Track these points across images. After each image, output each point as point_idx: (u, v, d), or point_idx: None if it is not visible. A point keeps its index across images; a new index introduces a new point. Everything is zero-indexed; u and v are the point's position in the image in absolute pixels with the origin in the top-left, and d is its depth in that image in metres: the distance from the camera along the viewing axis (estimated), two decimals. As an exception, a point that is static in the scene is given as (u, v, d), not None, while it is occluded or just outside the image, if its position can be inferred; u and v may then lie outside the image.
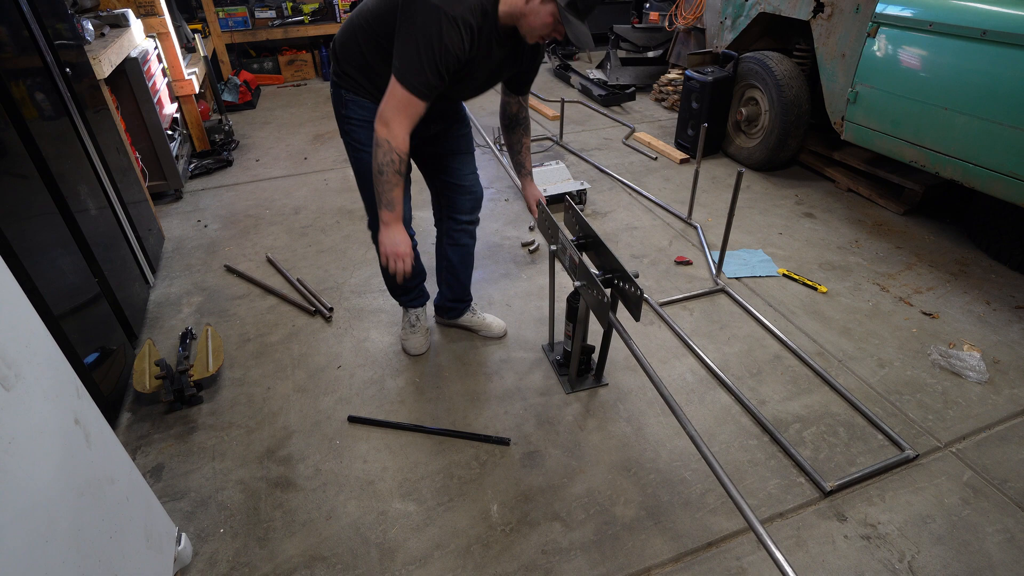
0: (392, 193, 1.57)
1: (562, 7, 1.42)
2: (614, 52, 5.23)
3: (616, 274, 1.67)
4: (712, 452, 1.26)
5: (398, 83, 1.45)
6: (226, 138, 3.97)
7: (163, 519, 1.39)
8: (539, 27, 1.47)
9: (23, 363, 0.96)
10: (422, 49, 1.40)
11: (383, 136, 1.50)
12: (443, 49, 1.40)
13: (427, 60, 1.41)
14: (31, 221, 1.61)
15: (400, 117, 1.48)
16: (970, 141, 2.40)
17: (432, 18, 1.38)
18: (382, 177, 1.54)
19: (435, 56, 1.41)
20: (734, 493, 1.18)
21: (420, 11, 1.39)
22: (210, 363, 2.04)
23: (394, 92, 1.46)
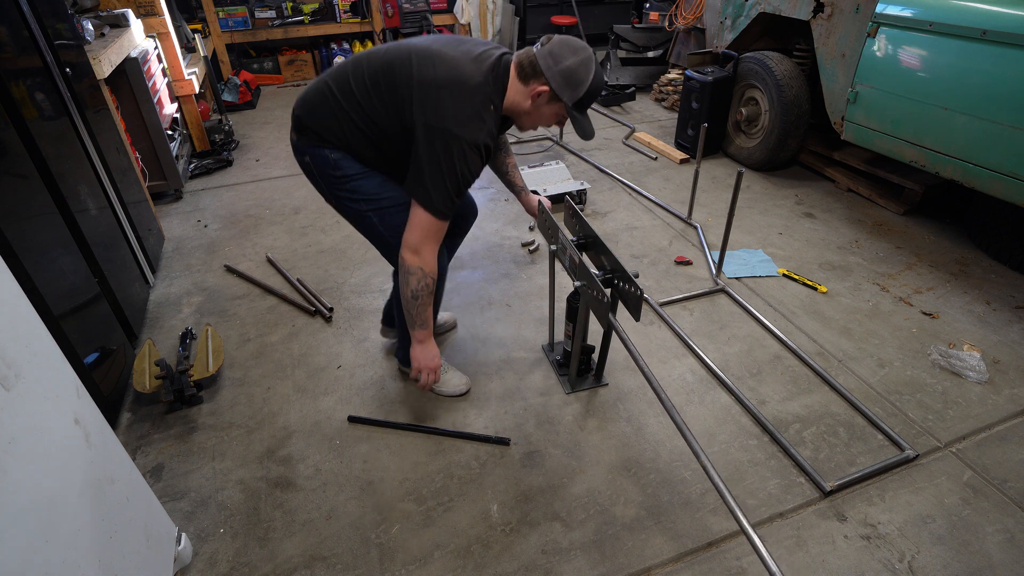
0: (426, 312, 1.59)
1: (570, 108, 1.49)
2: (614, 52, 5.23)
3: (616, 274, 1.67)
4: (711, 452, 1.26)
5: (425, 211, 1.45)
6: (226, 138, 3.97)
7: (163, 519, 1.39)
8: (540, 122, 1.55)
9: (23, 363, 0.96)
10: (448, 178, 1.42)
11: (415, 264, 1.50)
12: (468, 174, 1.46)
13: (452, 186, 1.44)
14: (31, 221, 1.61)
15: (431, 243, 1.49)
16: (970, 141, 2.40)
17: (457, 149, 1.41)
18: (417, 302, 1.55)
19: (460, 182, 1.45)
20: (727, 497, 1.18)
21: (443, 143, 1.41)
22: (210, 363, 2.04)
23: (421, 220, 1.46)
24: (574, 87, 1.46)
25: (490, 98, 1.47)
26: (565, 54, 1.44)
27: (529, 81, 1.48)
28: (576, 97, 1.47)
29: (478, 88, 1.44)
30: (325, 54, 5.71)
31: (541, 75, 1.46)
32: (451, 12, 5.99)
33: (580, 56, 1.45)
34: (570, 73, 1.44)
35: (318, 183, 1.63)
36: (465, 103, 1.42)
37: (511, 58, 1.53)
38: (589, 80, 1.46)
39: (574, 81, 1.45)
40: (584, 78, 1.45)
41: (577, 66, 1.44)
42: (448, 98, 1.42)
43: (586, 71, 1.45)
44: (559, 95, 1.47)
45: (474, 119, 1.43)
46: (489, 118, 1.47)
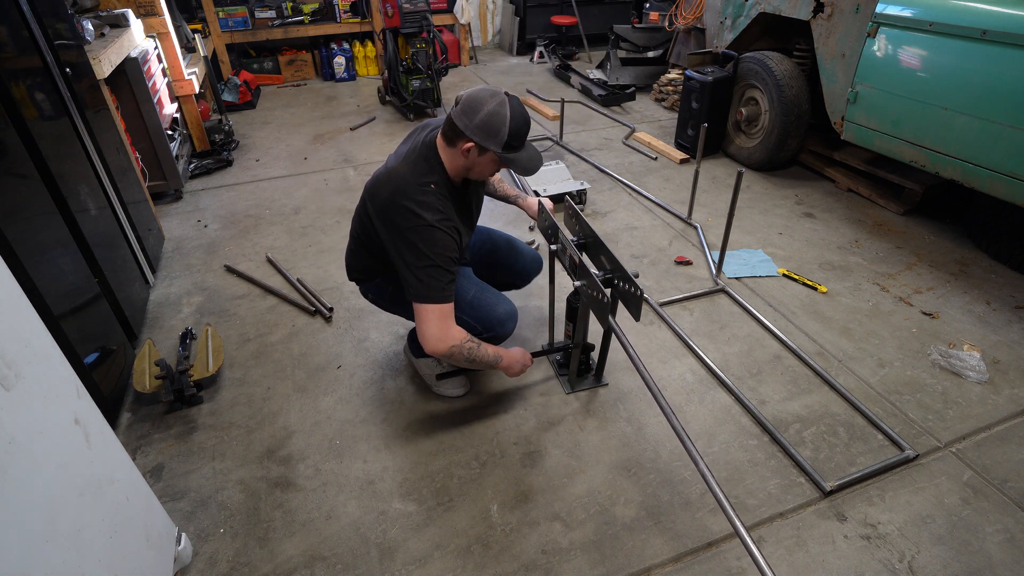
0: (488, 351, 1.67)
1: (500, 154, 1.55)
2: (614, 52, 5.23)
3: (616, 274, 1.67)
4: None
5: (425, 303, 1.55)
6: (226, 138, 3.97)
7: (163, 519, 1.39)
8: (489, 171, 1.63)
9: (23, 363, 0.96)
10: (424, 264, 1.52)
11: (445, 349, 1.58)
12: (442, 253, 1.54)
13: (433, 271, 1.53)
14: (31, 221, 1.61)
15: (445, 324, 1.57)
16: (970, 141, 2.40)
17: (418, 238, 1.52)
18: (475, 362, 1.64)
19: (437, 263, 1.53)
20: (721, 498, 1.18)
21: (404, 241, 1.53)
22: (210, 363, 2.04)
23: (427, 312, 1.55)
24: (494, 134, 1.51)
25: (425, 182, 1.56)
26: (476, 106, 1.50)
27: (455, 143, 1.55)
28: (501, 142, 1.52)
29: (408, 182, 1.56)
30: (325, 54, 5.71)
31: (462, 134, 1.52)
32: (451, 12, 5.99)
33: (491, 104, 1.50)
34: (485, 123, 1.50)
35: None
36: (404, 204, 1.53)
37: (435, 134, 1.63)
38: (507, 122, 1.50)
39: (492, 128, 1.50)
40: (501, 122, 1.50)
41: (490, 114, 1.49)
42: (391, 209, 1.55)
43: (501, 115, 1.50)
44: (485, 146, 1.53)
45: (418, 208, 1.52)
46: (432, 197, 1.55)
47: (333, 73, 5.72)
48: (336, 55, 5.65)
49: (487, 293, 1.82)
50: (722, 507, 1.17)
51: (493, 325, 1.77)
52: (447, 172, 1.61)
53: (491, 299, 1.80)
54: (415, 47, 4.32)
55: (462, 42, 6.17)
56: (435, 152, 1.60)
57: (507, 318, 1.80)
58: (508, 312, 1.80)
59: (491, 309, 1.78)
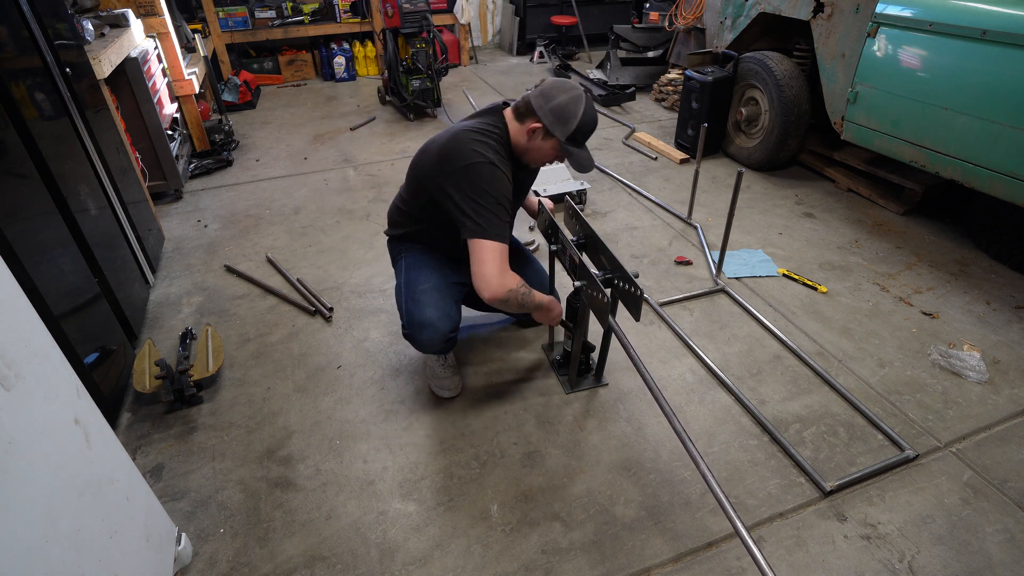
0: (536, 297, 1.68)
1: (563, 143, 1.59)
2: (614, 52, 5.23)
3: (616, 274, 1.67)
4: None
5: (487, 241, 1.54)
6: (226, 138, 3.97)
7: (163, 519, 1.39)
8: (542, 159, 1.67)
9: (23, 363, 0.96)
10: (487, 202, 1.54)
11: (504, 294, 1.56)
12: (499, 193, 1.55)
13: (495, 208, 1.55)
14: (31, 221, 1.61)
15: (503, 265, 1.57)
16: (970, 141, 2.40)
17: (479, 175, 1.53)
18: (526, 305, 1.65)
19: (498, 202, 1.55)
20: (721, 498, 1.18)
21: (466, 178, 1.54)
22: (210, 363, 2.04)
23: (488, 251, 1.54)
24: (564, 123, 1.55)
25: (488, 127, 1.61)
26: (555, 93, 1.56)
27: (524, 120, 1.60)
28: (568, 132, 1.56)
29: (473, 128, 1.60)
30: (325, 54, 5.71)
31: (534, 113, 1.57)
32: (451, 12, 5.99)
33: (570, 94, 1.55)
34: (560, 109, 1.54)
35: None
36: (465, 142, 1.56)
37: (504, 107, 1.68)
38: (579, 116, 1.55)
39: (564, 117, 1.54)
40: (574, 113, 1.54)
41: (567, 103, 1.54)
42: (450, 149, 1.57)
43: (575, 107, 1.55)
44: (551, 131, 1.57)
45: (478, 147, 1.55)
46: (493, 140, 1.59)
47: (333, 73, 5.72)
48: (336, 55, 5.65)
49: (436, 294, 1.77)
50: (722, 507, 1.17)
51: (412, 324, 1.75)
52: (509, 136, 1.65)
53: (432, 300, 1.75)
54: (415, 47, 4.32)
55: (462, 42, 6.17)
56: (503, 119, 1.65)
57: (426, 326, 1.73)
58: (430, 321, 1.72)
59: (421, 309, 1.74)
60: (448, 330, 1.75)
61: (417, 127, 4.46)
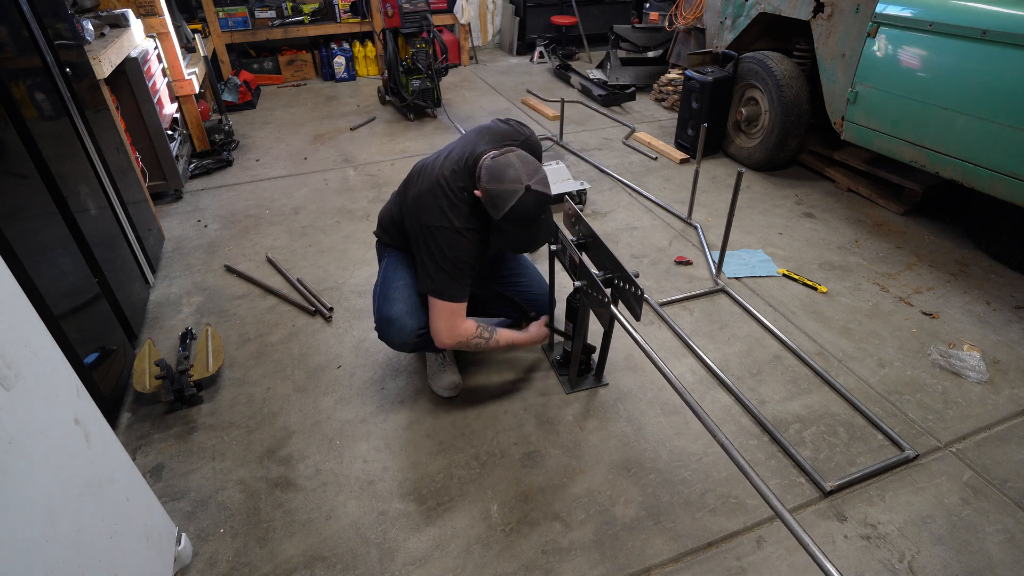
0: (499, 341, 1.79)
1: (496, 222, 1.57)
2: (614, 52, 5.23)
3: (616, 274, 1.67)
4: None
5: (440, 300, 1.63)
6: (226, 138, 3.97)
7: (163, 519, 1.39)
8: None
9: (23, 363, 0.96)
10: (443, 265, 1.60)
11: (455, 343, 1.70)
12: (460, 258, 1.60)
13: (451, 271, 1.61)
14: (31, 221, 1.61)
15: (454, 322, 1.67)
16: (970, 141, 2.40)
17: (442, 239, 1.58)
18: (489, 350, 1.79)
19: (455, 266, 1.61)
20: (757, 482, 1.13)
21: (429, 238, 1.59)
22: (210, 363, 2.04)
23: (439, 310, 1.65)
24: (494, 207, 1.52)
25: (456, 185, 1.60)
26: (496, 177, 1.50)
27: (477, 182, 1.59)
28: (498, 216, 1.52)
29: (444, 183, 1.60)
30: (325, 54, 5.71)
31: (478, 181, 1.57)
32: (451, 12, 5.99)
33: (507, 187, 1.48)
34: (494, 196, 1.50)
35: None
36: (434, 199, 1.59)
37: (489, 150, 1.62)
38: (506, 208, 1.49)
39: (494, 203, 1.51)
40: (502, 205, 1.49)
41: (500, 193, 1.49)
42: (426, 201, 1.61)
43: (505, 201, 1.48)
44: (486, 207, 1.56)
45: (448, 210, 1.58)
46: (465, 206, 1.60)
47: (333, 73, 5.72)
48: (336, 55, 5.65)
49: (407, 291, 1.78)
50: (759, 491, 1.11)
51: (380, 320, 1.78)
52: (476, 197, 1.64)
53: (402, 297, 1.76)
54: (415, 47, 4.32)
55: (462, 42, 6.17)
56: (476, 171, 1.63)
57: (393, 321, 1.73)
58: (396, 317, 1.72)
59: (390, 305, 1.76)
60: (417, 327, 1.75)
61: (417, 127, 4.46)
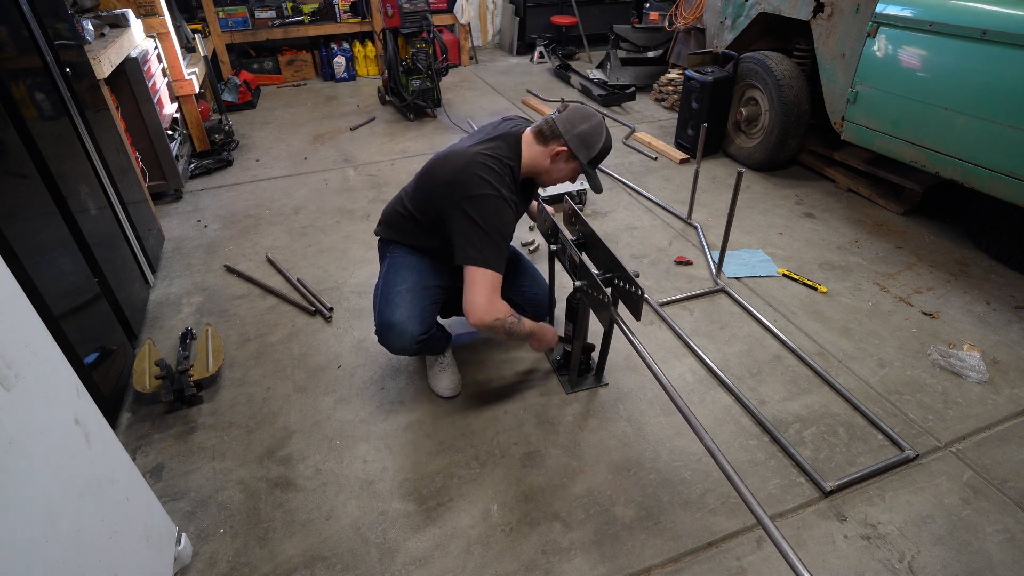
0: (525, 327, 1.73)
1: (585, 166, 1.71)
2: (614, 52, 5.23)
3: (616, 274, 1.67)
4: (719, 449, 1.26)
5: (483, 270, 1.59)
6: (226, 138, 3.97)
7: (163, 519, 1.39)
8: (559, 179, 1.75)
9: (23, 363, 0.96)
10: (489, 233, 1.58)
11: (491, 321, 1.61)
12: (503, 226, 1.62)
13: (499, 240, 1.61)
14: (31, 221, 1.61)
15: (494, 295, 1.62)
16: (970, 141, 2.40)
17: (488, 207, 1.58)
18: (513, 336, 1.70)
19: (503, 235, 1.62)
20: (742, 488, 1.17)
21: (475, 207, 1.58)
22: (210, 363, 2.04)
23: (482, 280, 1.59)
24: (588, 147, 1.67)
25: (503, 159, 1.65)
26: (580, 120, 1.66)
27: (548, 143, 1.68)
28: (590, 156, 1.68)
29: (488, 155, 1.62)
30: (325, 54, 5.71)
31: (559, 137, 1.66)
32: (451, 12, 5.99)
33: (593, 122, 1.67)
34: (585, 136, 1.65)
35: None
36: (480, 172, 1.60)
37: (521, 129, 1.75)
38: (601, 142, 1.68)
39: (588, 142, 1.66)
40: (597, 140, 1.67)
41: (591, 130, 1.66)
42: (464, 175, 1.60)
43: (599, 135, 1.67)
44: (576, 154, 1.67)
45: (494, 180, 1.60)
46: (506, 174, 1.64)
47: (333, 73, 5.72)
48: (336, 55, 5.65)
49: (409, 295, 1.77)
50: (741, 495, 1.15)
51: (381, 324, 1.75)
52: (520, 165, 1.70)
53: (404, 301, 1.75)
54: (415, 47, 4.32)
55: (462, 42, 6.17)
56: (519, 143, 1.71)
57: (394, 326, 1.71)
58: (398, 322, 1.71)
59: (392, 309, 1.73)
60: (418, 333, 1.73)
61: (417, 127, 4.46)
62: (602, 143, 1.68)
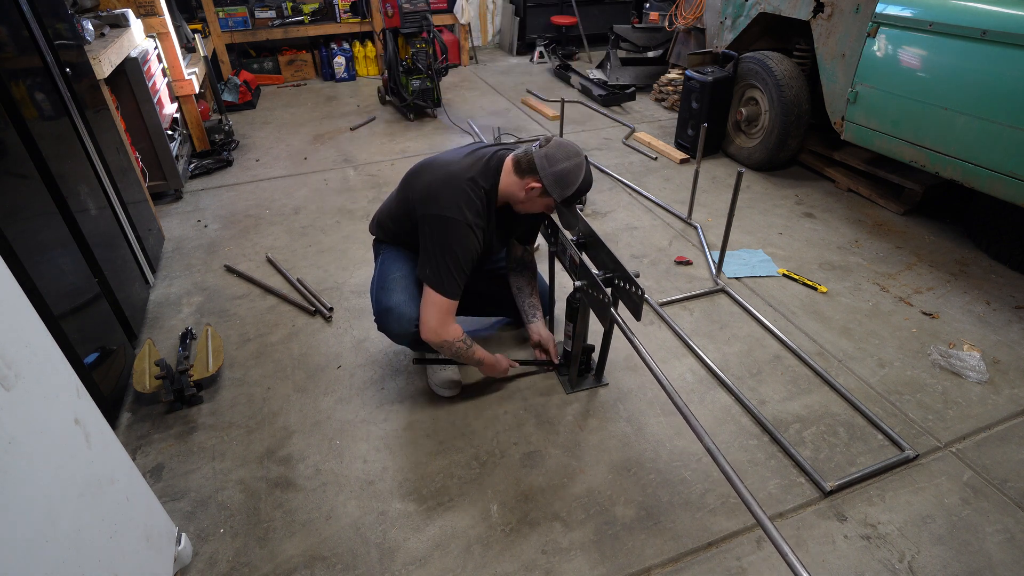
0: (474, 355, 1.78)
1: (559, 203, 1.69)
2: (614, 52, 5.23)
3: (616, 274, 1.67)
4: (718, 449, 1.26)
5: (436, 292, 1.64)
6: (226, 138, 3.97)
7: (163, 519, 1.39)
8: (535, 210, 1.75)
9: (23, 363, 0.96)
10: (448, 257, 1.61)
11: (439, 341, 1.68)
12: (464, 252, 1.63)
13: (454, 266, 1.62)
14: (31, 221, 1.61)
15: (446, 318, 1.67)
16: (970, 141, 2.40)
17: (451, 230, 1.61)
18: (461, 358, 1.76)
19: (460, 262, 1.63)
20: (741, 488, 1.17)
21: (438, 227, 1.62)
22: (210, 363, 2.04)
23: (434, 301, 1.65)
24: (563, 187, 1.64)
25: (478, 183, 1.66)
26: (561, 158, 1.63)
27: (524, 176, 1.67)
28: (564, 196, 1.65)
29: (465, 177, 1.65)
30: (325, 54, 5.71)
31: (536, 173, 1.64)
32: (451, 12, 5.99)
33: (573, 161, 1.64)
34: (562, 175, 1.63)
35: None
36: (453, 192, 1.63)
37: (506, 154, 1.74)
38: (578, 183, 1.65)
39: (564, 182, 1.64)
40: (574, 180, 1.64)
41: (570, 170, 1.63)
42: (439, 190, 1.64)
43: (575, 175, 1.64)
44: (550, 192, 1.65)
45: (464, 204, 1.62)
46: (479, 202, 1.65)
47: (333, 73, 5.72)
48: (336, 55, 5.65)
49: (405, 281, 1.81)
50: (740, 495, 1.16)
51: (379, 310, 1.79)
52: (497, 191, 1.72)
53: (401, 287, 1.79)
54: (415, 47, 4.32)
55: (462, 42, 6.17)
56: (499, 171, 1.71)
57: (392, 310, 1.75)
58: (395, 305, 1.75)
59: (388, 295, 1.78)
60: (416, 315, 1.75)
61: (417, 127, 4.46)
62: (579, 183, 1.65)
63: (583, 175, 1.65)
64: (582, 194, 1.70)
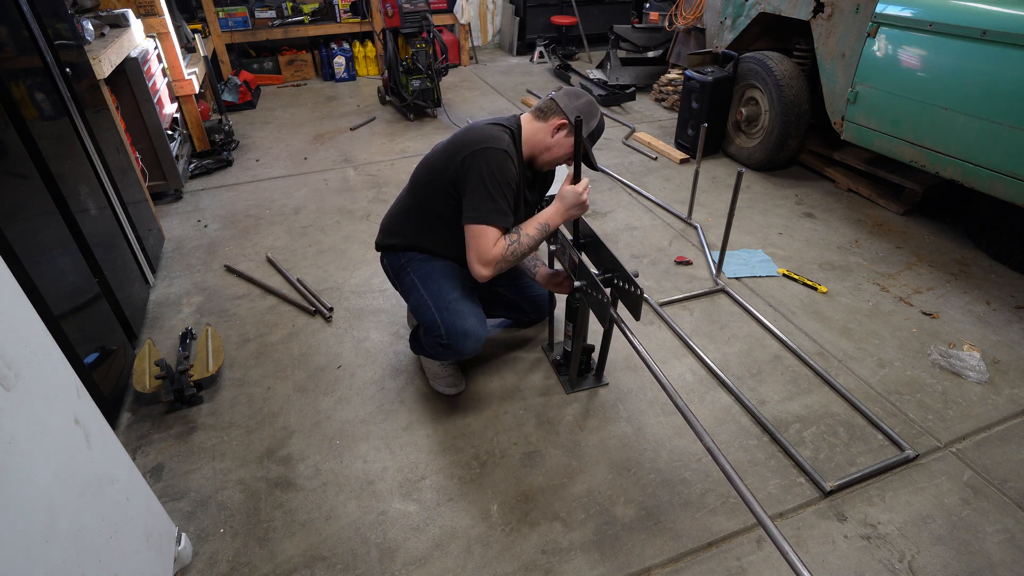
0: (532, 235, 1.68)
1: (585, 139, 1.72)
2: (614, 52, 5.23)
3: (616, 274, 1.67)
4: (718, 449, 1.26)
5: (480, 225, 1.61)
6: (226, 138, 3.97)
7: (163, 519, 1.39)
8: (560, 155, 1.77)
9: (23, 363, 0.96)
10: (490, 186, 1.61)
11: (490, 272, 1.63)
12: (504, 179, 1.63)
13: (497, 193, 1.62)
14: (31, 221, 1.61)
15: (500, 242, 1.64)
16: (970, 141, 2.40)
17: (489, 158, 1.62)
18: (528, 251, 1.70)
19: (501, 187, 1.63)
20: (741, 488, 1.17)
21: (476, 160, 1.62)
22: (210, 363, 2.04)
23: (480, 232, 1.61)
24: (589, 118, 1.73)
25: (504, 126, 1.72)
26: (577, 94, 1.76)
27: (548, 118, 1.74)
28: (590, 129, 1.73)
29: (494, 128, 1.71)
30: (325, 54, 5.71)
31: (560, 111, 1.72)
32: (451, 12, 5.99)
33: (586, 99, 1.75)
34: (584, 108, 1.73)
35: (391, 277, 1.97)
36: (480, 131, 1.69)
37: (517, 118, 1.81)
38: (597, 117, 1.76)
39: (588, 114, 1.73)
40: (595, 112, 1.75)
41: (589, 102, 1.75)
42: (465, 137, 1.69)
43: (595, 108, 1.75)
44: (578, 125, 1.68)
45: (495, 134, 1.67)
46: (507, 136, 1.69)
47: (333, 73, 5.72)
48: (336, 55, 5.65)
49: (468, 302, 1.77)
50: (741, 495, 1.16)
51: (453, 334, 1.71)
52: (521, 141, 1.76)
53: (466, 309, 1.75)
54: (415, 47, 4.32)
55: (462, 42, 6.17)
56: (519, 126, 1.77)
57: (469, 334, 1.72)
58: (473, 329, 1.72)
59: (462, 319, 1.72)
60: (484, 335, 1.78)
61: (417, 127, 4.46)
62: (598, 119, 1.76)
63: (599, 113, 1.76)
64: (600, 131, 1.79)
